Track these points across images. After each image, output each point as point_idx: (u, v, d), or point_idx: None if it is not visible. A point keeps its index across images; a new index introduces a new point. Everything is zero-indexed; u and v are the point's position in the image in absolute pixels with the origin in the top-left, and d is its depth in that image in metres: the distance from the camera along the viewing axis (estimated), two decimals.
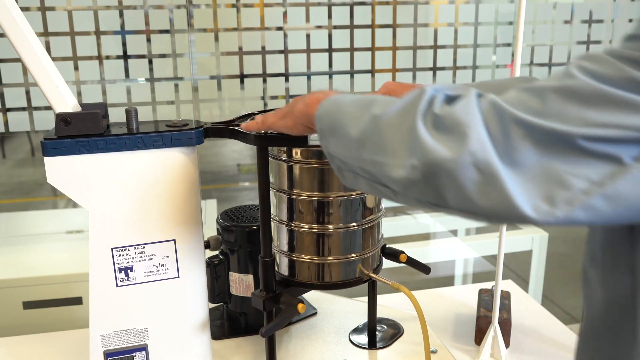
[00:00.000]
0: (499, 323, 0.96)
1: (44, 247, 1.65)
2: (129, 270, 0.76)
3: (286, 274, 0.81)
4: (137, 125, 0.75)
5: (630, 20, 1.79)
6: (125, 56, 1.53)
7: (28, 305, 1.45)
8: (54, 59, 1.52)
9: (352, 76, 1.67)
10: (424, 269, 0.88)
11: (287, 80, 1.62)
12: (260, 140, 0.73)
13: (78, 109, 0.74)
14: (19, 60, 1.35)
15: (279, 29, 1.61)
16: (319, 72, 1.65)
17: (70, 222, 1.81)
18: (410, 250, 0.90)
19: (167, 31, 1.54)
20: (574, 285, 2.94)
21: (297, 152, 0.76)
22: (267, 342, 0.80)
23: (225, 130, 0.79)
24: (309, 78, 1.65)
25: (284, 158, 0.77)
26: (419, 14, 1.68)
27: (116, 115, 0.87)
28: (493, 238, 2.02)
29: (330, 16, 1.62)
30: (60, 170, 0.71)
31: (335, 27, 1.63)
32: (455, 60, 1.73)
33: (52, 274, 1.47)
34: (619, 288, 0.50)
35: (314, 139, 0.70)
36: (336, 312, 1.01)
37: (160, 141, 0.73)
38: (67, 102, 0.72)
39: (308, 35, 1.62)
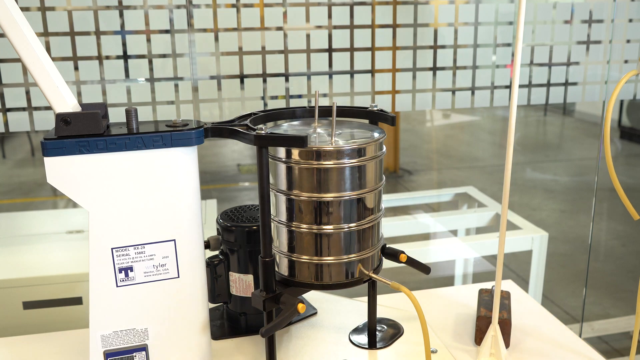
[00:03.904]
0: (499, 323, 0.96)
1: (44, 247, 1.64)
2: (129, 270, 0.76)
3: (286, 274, 0.81)
4: (137, 125, 0.75)
5: (631, 20, 1.79)
6: (125, 56, 1.53)
7: (28, 305, 1.45)
8: (54, 59, 1.52)
9: (352, 76, 1.67)
10: (424, 269, 0.88)
11: (287, 80, 1.62)
12: (260, 140, 0.74)
13: (78, 109, 0.74)
14: (19, 60, 1.35)
15: (279, 29, 1.61)
16: (319, 72, 1.65)
17: (70, 222, 1.81)
18: (410, 250, 0.91)
19: (167, 31, 1.54)
20: (574, 285, 2.94)
21: (296, 153, 0.76)
22: (267, 342, 0.80)
23: (225, 130, 0.79)
24: (309, 78, 1.65)
25: (283, 158, 0.77)
26: (419, 14, 1.68)
27: (116, 115, 0.87)
28: (493, 238, 2.02)
29: (330, 16, 1.62)
30: (60, 170, 0.71)
31: (335, 27, 1.63)
32: (455, 60, 1.73)
33: (52, 274, 1.47)
34: None
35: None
36: (336, 312, 1.01)
37: (160, 141, 0.73)
38: (67, 102, 0.72)
39: (308, 35, 1.62)
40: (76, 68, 1.51)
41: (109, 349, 0.77)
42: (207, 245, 0.91)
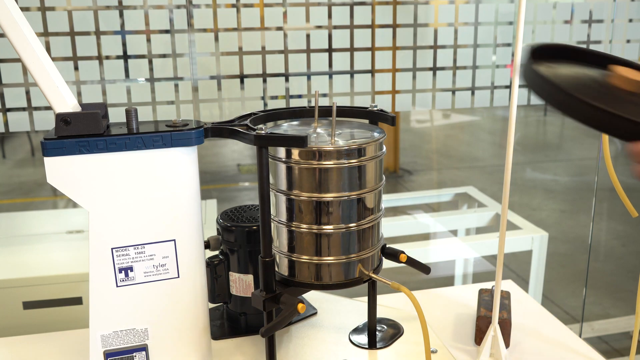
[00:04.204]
0: (499, 323, 0.96)
1: (44, 247, 1.64)
2: (129, 270, 0.76)
3: (286, 274, 0.81)
4: (137, 125, 0.75)
5: (631, 20, 1.79)
6: (125, 56, 1.53)
7: (28, 305, 1.45)
8: (54, 59, 1.52)
9: (352, 76, 1.67)
10: (424, 269, 0.88)
11: (287, 80, 1.62)
12: (260, 140, 0.74)
13: (78, 109, 0.74)
14: (19, 60, 1.35)
15: (279, 29, 1.61)
16: (319, 72, 1.65)
17: (70, 222, 1.81)
18: (410, 250, 0.91)
19: (167, 31, 1.54)
20: (574, 285, 2.94)
21: (296, 153, 0.76)
22: (267, 342, 0.80)
23: (225, 130, 0.79)
24: (309, 78, 1.65)
25: (283, 158, 0.77)
26: (419, 14, 1.68)
27: (116, 115, 0.87)
28: (493, 238, 2.02)
29: (330, 16, 1.62)
30: (60, 170, 0.71)
31: (335, 27, 1.63)
32: (455, 60, 1.73)
33: (52, 274, 1.47)
34: None
35: None
36: (336, 312, 1.01)
37: (160, 141, 0.73)
38: (67, 102, 0.72)
39: (308, 35, 1.62)
40: (76, 68, 1.51)
41: (109, 349, 0.77)
42: (207, 245, 0.91)
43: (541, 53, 0.61)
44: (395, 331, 0.95)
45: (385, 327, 0.96)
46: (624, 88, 0.57)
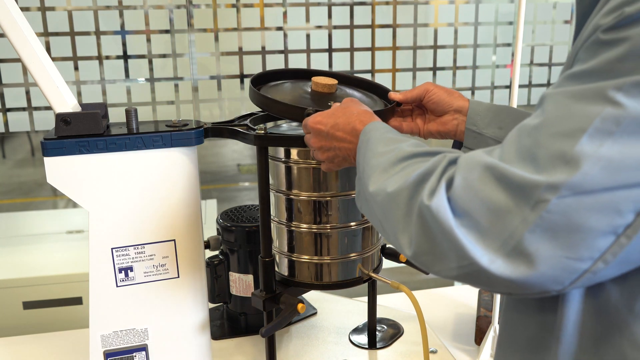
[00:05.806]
0: (499, 323, 0.96)
1: (44, 247, 1.65)
2: (128, 270, 0.76)
3: (286, 274, 0.81)
4: (137, 125, 0.75)
5: None
6: (125, 56, 1.53)
7: (28, 305, 1.45)
8: (54, 59, 1.52)
9: None
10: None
11: None
12: (260, 140, 0.74)
13: (78, 109, 0.74)
14: (19, 60, 1.36)
15: (279, 29, 1.61)
16: None
17: (70, 222, 1.81)
18: None
19: (167, 31, 1.54)
20: None
21: (295, 153, 0.76)
22: (267, 342, 0.80)
23: (225, 130, 0.79)
24: None
25: (283, 158, 0.77)
26: (419, 14, 1.68)
27: (116, 115, 0.87)
28: None
29: (330, 16, 1.62)
30: (60, 170, 0.71)
31: (335, 27, 1.63)
32: (455, 60, 1.73)
33: (52, 274, 1.47)
34: None
35: None
36: (336, 312, 1.01)
37: (160, 141, 0.73)
38: (67, 102, 0.72)
39: (308, 35, 1.62)
40: (76, 68, 1.51)
41: (109, 349, 0.77)
42: (207, 245, 0.91)
43: (263, 78, 0.84)
44: (395, 331, 0.95)
45: (385, 327, 0.96)
46: (317, 90, 0.82)
